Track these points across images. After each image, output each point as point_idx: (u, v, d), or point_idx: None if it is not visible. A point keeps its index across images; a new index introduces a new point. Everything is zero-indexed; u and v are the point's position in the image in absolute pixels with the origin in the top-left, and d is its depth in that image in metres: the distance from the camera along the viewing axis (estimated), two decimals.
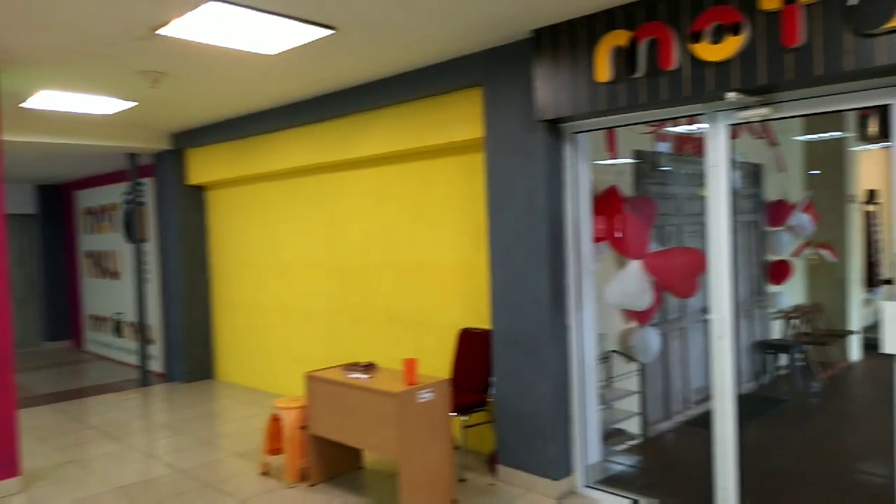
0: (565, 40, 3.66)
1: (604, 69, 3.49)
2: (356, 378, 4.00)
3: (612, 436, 4.63)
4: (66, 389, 7.51)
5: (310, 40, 3.79)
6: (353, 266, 5.78)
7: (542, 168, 3.90)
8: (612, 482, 4.14)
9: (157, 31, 3.53)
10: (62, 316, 10.61)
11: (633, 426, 4.87)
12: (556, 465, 3.97)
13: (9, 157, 7.05)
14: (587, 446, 4.08)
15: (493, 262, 4.21)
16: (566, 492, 4.02)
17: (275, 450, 4.51)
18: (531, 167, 3.95)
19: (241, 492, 4.22)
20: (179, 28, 3.47)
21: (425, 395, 3.73)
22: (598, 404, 4.17)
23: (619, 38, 3.42)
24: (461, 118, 4.50)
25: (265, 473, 4.51)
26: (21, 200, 10.26)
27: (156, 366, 7.95)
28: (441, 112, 4.64)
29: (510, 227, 4.09)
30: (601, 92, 3.53)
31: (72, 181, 10.17)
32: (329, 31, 3.63)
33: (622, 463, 4.52)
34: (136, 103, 5.43)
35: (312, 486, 4.25)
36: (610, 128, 3.90)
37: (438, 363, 4.95)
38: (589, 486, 4.06)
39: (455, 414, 4.13)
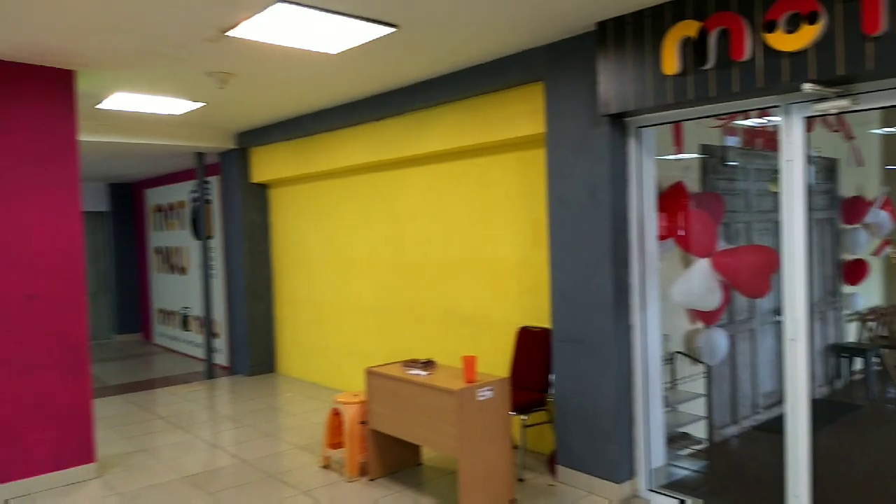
0: (631, 32, 3.57)
1: (671, 61, 3.39)
2: (415, 374, 4.01)
3: (676, 439, 4.51)
4: (136, 381, 7.83)
5: (371, 38, 3.82)
6: (412, 263, 5.81)
7: (606, 163, 3.82)
8: (676, 487, 4.03)
9: (227, 33, 3.62)
10: (132, 310, 11.07)
11: (698, 430, 4.72)
12: (618, 467, 3.89)
13: (84, 156, 7.39)
14: (651, 449, 3.98)
15: (554, 259, 4.15)
16: (629, 495, 3.93)
17: (335, 444, 4.58)
18: (594, 163, 3.88)
19: (303, 484, 4.30)
20: (247, 29, 3.55)
21: (485, 393, 3.71)
22: (662, 407, 4.06)
23: (688, 28, 3.31)
24: (522, 114, 4.46)
25: (326, 466, 4.58)
26: (94, 198, 10.75)
27: (220, 359, 8.20)
28: (501, 108, 4.61)
29: (572, 224, 4.02)
30: (668, 85, 3.43)
31: (142, 180, 10.59)
32: (391, 29, 3.65)
33: (687, 467, 4.39)
34: (204, 104, 5.61)
35: (372, 480, 4.29)
36: (677, 122, 3.79)
37: (496, 361, 4.92)
38: (652, 490, 3.95)
39: (514, 413, 4.10)
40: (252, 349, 7.65)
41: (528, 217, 4.72)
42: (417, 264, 5.76)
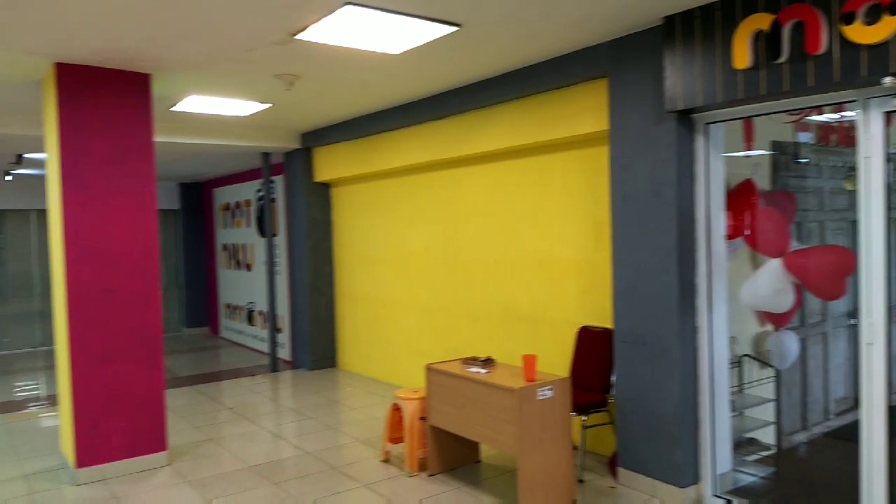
0: (700, 26, 3.49)
1: (743, 55, 3.29)
2: (475, 372, 4.03)
3: (743, 445, 4.38)
4: (203, 372, 8.13)
5: (434, 38, 3.85)
6: (469, 261, 5.83)
7: (672, 161, 3.74)
8: (743, 493, 3.92)
9: (295, 37, 3.72)
10: (201, 304, 11.50)
11: (766, 436, 4.57)
12: (682, 471, 3.81)
13: (158, 156, 7.72)
14: (717, 454, 3.88)
15: (616, 258, 4.09)
16: (693, 500, 3.84)
17: (395, 438, 4.65)
18: (659, 160, 3.80)
19: (364, 477, 4.38)
20: (315, 32, 3.64)
21: (545, 393, 3.69)
22: (729, 411, 3.95)
23: (761, 21, 3.20)
24: (584, 111, 4.41)
25: (386, 461, 4.65)
26: (166, 197, 11.21)
27: (283, 353, 8.43)
28: (563, 105, 4.57)
29: (636, 223, 3.96)
30: (739, 79, 3.33)
31: (210, 179, 10.98)
32: (453, 28, 3.67)
33: (754, 474, 4.26)
34: (270, 105, 5.77)
35: (431, 475, 4.33)
36: (747, 117, 3.67)
37: (555, 361, 4.88)
38: (718, 496, 3.85)
39: (574, 413, 4.07)
40: (314, 344, 7.83)
41: (589, 215, 4.67)
42: (474, 263, 5.78)
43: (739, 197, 4.12)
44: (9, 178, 9.54)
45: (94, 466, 4.43)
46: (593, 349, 4.50)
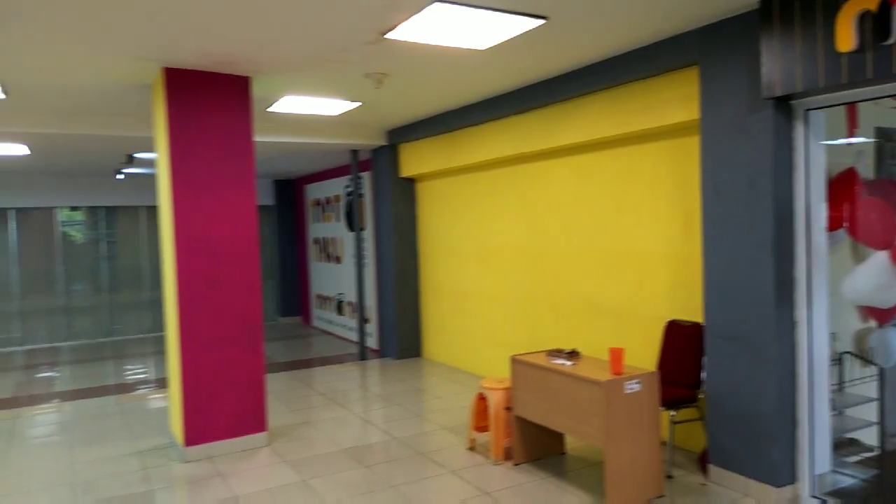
0: (799, 8, 3.34)
1: (847, 37, 3.13)
2: (560, 364, 4.05)
3: (843, 445, 4.18)
4: (297, 359, 8.52)
5: (521, 32, 3.88)
6: (554, 254, 5.83)
7: (768, 150, 3.61)
8: (842, 495, 3.75)
9: (385, 36, 3.86)
10: (294, 295, 12.03)
11: (869, 437, 4.34)
12: (778, 470, 3.69)
13: (256, 155, 8.13)
14: (815, 454, 3.72)
15: (708, 251, 3.99)
16: (789, 500, 3.71)
17: (481, 427, 4.73)
18: (754, 149, 3.68)
19: (450, 463, 4.50)
20: (404, 31, 3.75)
21: (633, 386, 3.67)
22: (828, 410, 3.78)
23: (867, 1, 3.04)
24: (673, 100, 4.32)
25: (472, 449, 4.75)
26: (262, 193, 11.78)
27: (371, 342, 8.71)
28: (651, 95, 4.49)
29: (729, 215, 3.85)
30: (843, 63, 3.17)
31: (302, 176, 11.44)
32: (540, 22, 3.69)
33: (855, 476, 4.06)
34: (360, 104, 5.97)
35: (516, 465, 4.39)
36: (851, 103, 3.49)
37: (640, 355, 4.82)
38: (816, 497, 3.70)
39: (663, 408, 4.01)
40: (400, 334, 8.05)
41: (679, 207, 4.57)
42: (559, 255, 5.77)
43: (841, 187, 3.92)
44: (120, 176, 10.30)
45: (201, 445, 4.76)
46: (682, 344, 4.41)
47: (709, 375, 4.04)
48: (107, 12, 3.36)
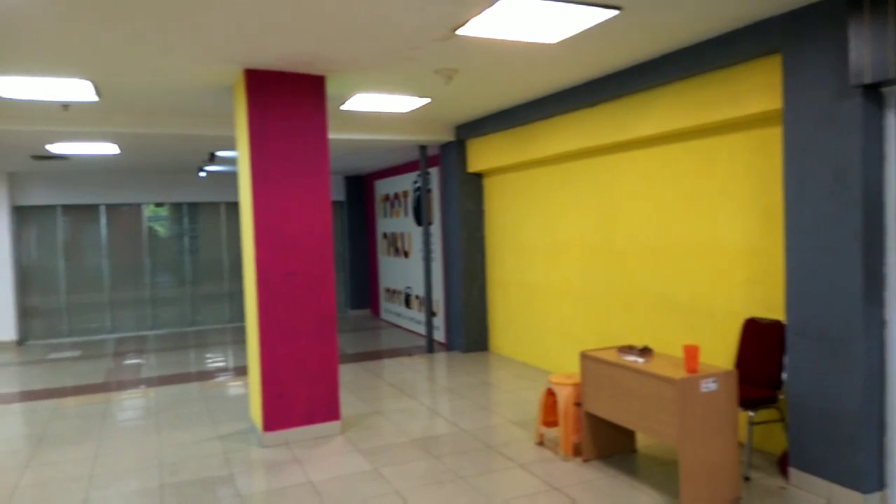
0: None
1: None
2: (633, 361, 3.99)
3: None
4: (367, 351, 8.70)
5: (594, 24, 3.84)
6: (624, 248, 5.73)
7: (857, 139, 3.44)
8: None
9: (457, 32, 3.89)
10: (363, 288, 12.28)
11: None
12: (865, 476, 3.52)
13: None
14: None
15: (790, 246, 3.84)
16: None
17: (550, 422, 4.72)
18: (842, 139, 3.51)
19: (519, 457, 4.51)
20: (475, 26, 3.77)
21: (709, 385, 3.58)
22: None
23: None
24: (753, 89, 4.17)
25: (540, 443, 4.74)
26: (333, 189, 12.07)
27: (438, 335, 8.80)
28: (729, 84, 4.35)
29: (814, 208, 3.69)
30: None
31: (372, 172, 11.66)
32: (614, 12, 3.63)
33: None
34: (429, 100, 6.04)
35: (586, 461, 4.36)
36: None
37: (715, 353, 4.69)
38: None
39: (741, 408, 3.89)
40: (467, 328, 8.10)
41: (758, 201, 4.41)
42: (629, 250, 5.66)
43: None
44: (202, 174, 10.78)
45: (278, 431, 4.95)
46: (761, 342, 4.26)
47: (790, 375, 3.89)
48: (194, 18, 3.53)
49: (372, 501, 3.88)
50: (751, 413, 4.06)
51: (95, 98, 5.33)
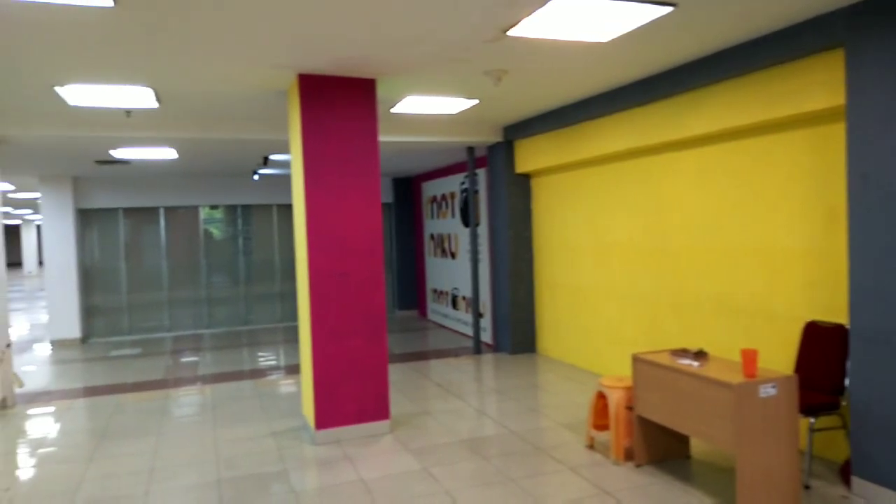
0: None
1: None
2: (687, 365, 3.91)
3: None
4: (414, 351, 8.76)
5: (647, 21, 3.78)
6: (676, 250, 5.61)
7: None
8: None
9: (507, 33, 3.89)
10: (410, 289, 12.37)
11: None
12: None
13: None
14: None
15: (854, 247, 3.70)
16: None
17: (600, 426, 4.66)
18: None
19: (569, 461, 4.47)
20: (525, 27, 3.76)
21: (768, 390, 3.48)
22: None
23: None
24: (813, 85, 4.04)
25: (591, 447, 4.69)
26: (382, 191, 12.17)
27: (486, 337, 8.79)
28: (786, 81, 4.22)
29: (880, 207, 3.55)
30: None
31: (419, 173, 11.73)
32: (669, 9, 3.57)
33: None
34: (478, 101, 6.05)
35: (638, 466, 4.29)
36: None
37: (773, 357, 4.55)
38: None
39: (801, 414, 3.77)
40: (514, 329, 8.07)
41: (819, 200, 4.26)
42: (682, 251, 5.55)
43: None
44: (256, 177, 11.04)
45: (330, 429, 5.03)
46: (823, 346, 4.12)
47: (853, 381, 3.75)
48: (251, 26, 3.63)
49: (422, 500, 3.91)
50: (811, 419, 3.93)
51: (156, 105, 5.53)
